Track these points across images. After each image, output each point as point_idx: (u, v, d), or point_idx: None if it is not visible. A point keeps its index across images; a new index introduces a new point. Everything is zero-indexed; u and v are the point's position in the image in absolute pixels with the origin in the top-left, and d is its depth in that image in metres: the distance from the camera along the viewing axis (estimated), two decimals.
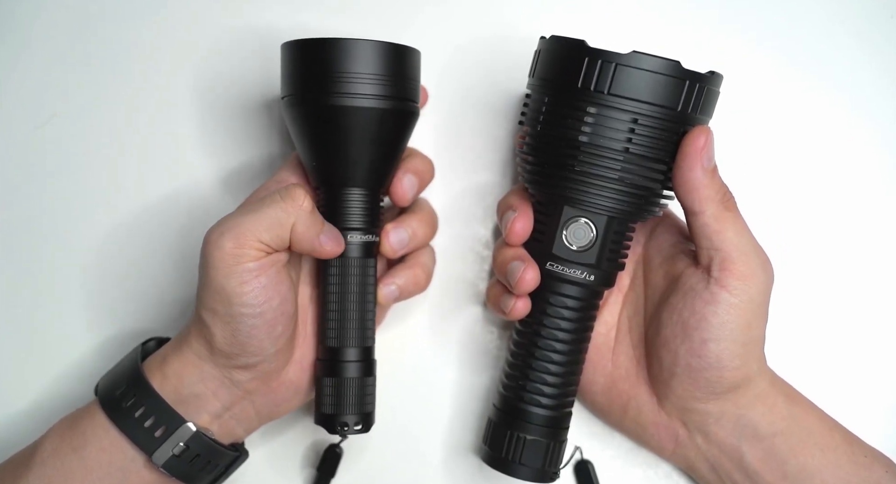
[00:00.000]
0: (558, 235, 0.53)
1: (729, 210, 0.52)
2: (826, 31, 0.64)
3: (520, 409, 0.54)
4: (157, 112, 0.65)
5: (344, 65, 0.52)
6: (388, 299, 0.57)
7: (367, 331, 0.56)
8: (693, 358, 0.53)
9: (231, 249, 0.51)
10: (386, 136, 0.54)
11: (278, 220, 0.51)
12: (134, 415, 0.53)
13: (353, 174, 0.55)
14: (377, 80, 0.53)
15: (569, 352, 0.54)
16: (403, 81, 0.54)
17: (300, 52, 0.53)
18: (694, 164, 0.51)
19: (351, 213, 0.55)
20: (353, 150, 0.54)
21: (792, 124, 0.64)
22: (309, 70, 0.53)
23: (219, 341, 0.52)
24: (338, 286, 0.55)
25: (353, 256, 0.55)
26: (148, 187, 0.64)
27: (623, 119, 0.49)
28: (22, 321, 0.64)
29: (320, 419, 0.56)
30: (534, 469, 0.54)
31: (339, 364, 0.55)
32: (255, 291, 0.51)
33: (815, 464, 0.54)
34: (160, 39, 0.65)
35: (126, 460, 0.53)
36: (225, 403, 0.54)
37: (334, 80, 0.52)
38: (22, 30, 0.65)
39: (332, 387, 0.55)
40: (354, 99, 0.52)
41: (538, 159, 0.53)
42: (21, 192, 0.65)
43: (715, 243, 0.52)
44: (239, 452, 0.56)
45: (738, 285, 0.52)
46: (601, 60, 0.49)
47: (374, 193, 0.56)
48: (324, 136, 0.54)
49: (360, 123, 0.53)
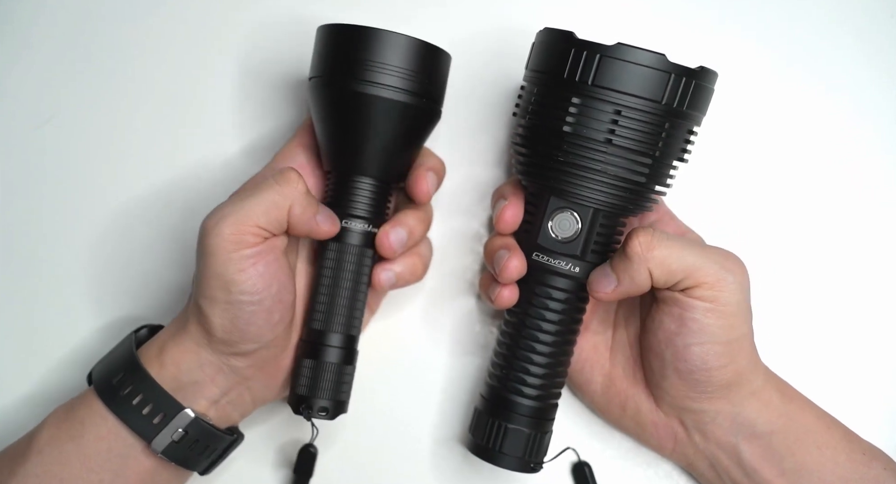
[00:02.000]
0: (544, 226, 0.53)
1: (652, 249, 0.51)
2: (826, 31, 0.64)
3: (503, 398, 0.55)
4: (156, 108, 0.65)
5: (375, 54, 0.52)
6: (385, 285, 0.57)
7: (353, 319, 0.56)
8: (679, 362, 0.53)
9: (230, 235, 0.51)
10: (406, 131, 0.55)
11: (275, 204, 0.52)
12: (132, 402, 0.53)
13: (368, 163, 0.55)
14: (405, 75, 0.53)
15: (553, 343, 0.54)
16: (431, 81, 0.54)
17: (336, 36, 0.54)
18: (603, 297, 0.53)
19: (358, 200, 0.55)
20: (371, 139, 0.54)
21: (791, 124, 0.64)
22: (340, 54, 0.53)
23: (217, 329, 0.53)
24: (332, 271, 0.56)
25: (352, 244, 0.56)
26: (145, 179, 0.65)
27: (606, 110, 0.50)
28: (24, 313, 0.65)
29: (291, 399, 0.56)
30: (514, 458, 0.54)
31: (321, 347, 0.55)
32: (253, 278, 0.52)
33: (812, 461, 0.54)
34: (160, 39, 0.65)
35: (125, 447, 0.53)
36: (222, 388, 0.55)
37: (363, 68, 0.52)
38: (22, 30, 0.66)
39: (309, 369, 0.55)
40: (381, 89, 0.53)
41: (527, 150, 0.53)
42: (21, 190, 0.65)
43: (669, 279, 0.52)
44: (235, 436, 0.57)
45: (709, 293, 0.52)
46: (586, 51, 0.49)
47: (384, 185, 0.56)
48: (345, 122, 0.54)
49: (382, 114, 0.53)
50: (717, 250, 0.53)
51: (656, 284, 0.52)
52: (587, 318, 0.58)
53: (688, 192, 0.62)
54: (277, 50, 0.65)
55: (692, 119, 0.52)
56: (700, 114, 0.53)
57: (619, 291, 0.52)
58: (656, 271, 0.51)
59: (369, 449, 0.63)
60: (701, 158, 0.61)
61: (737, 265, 0.53)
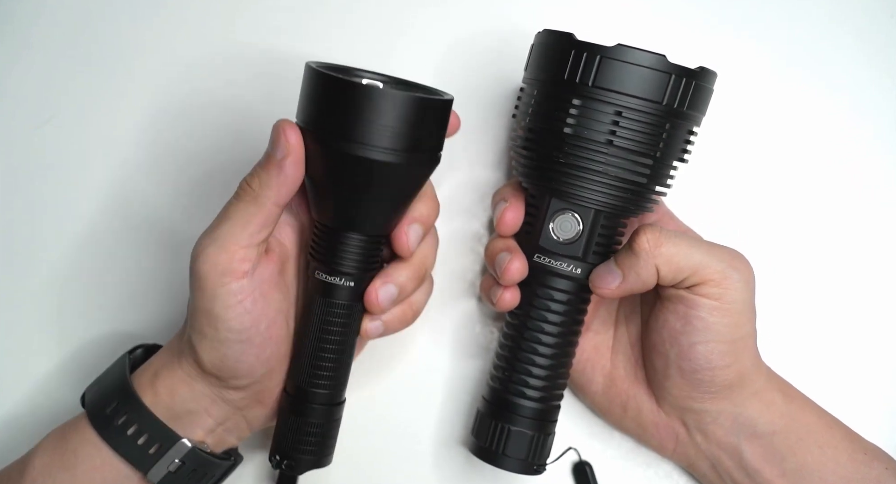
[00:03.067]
0: (545, 227, 0.53)
1: (660, 246, 0.51)
2: (826, 31, 0.64)
3: (505, 400, 0.55)
4: (157, 112, 0.65)
5: (364, 112, 0.47)
6: (372, 335, 0.55)
7: (340, 376, 0.54)
8: (683, 361, 0.53)
9: (218, 260, 0.49)
10: (400, 188, 0.51)
11: (248, 215, 0.50)
12: (126, 432, 0.51)
13: (358, 222, 0.51)
14: (401, 133, 0.48)
15: (555, 344, 0.54)
16: (429, 134, 0.50)
17: (325, 86, 0.49)
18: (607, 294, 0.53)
19: (346, 257, 0.52)
20: (362, 200, 0.50)
21: (791, 124, 0.64)
22: (330, 108, 0.48)
23: (207, 365, 0.52)
24: (317, 328, 0.53)
25: (340, 301, 0.53)
26: (145, 180, 0.65)
27: (607, 111, 0.50)
28: (22, 315, 0.65)
29: (273, 453, 0.55)
30: (518, 460, 0.54)
31: (306, 405, 0.54)
32: (240, 316, 0.50)
33: (814, 461, 0.54)
34: (160, 39, 0.65)
35: (120, 478, 0.52)
36: (218, 419, 0.54)
37: (352, 127, 0.48)
38: (22, 30, 0.65)
39: (292, 426, 0.54)
40: (375, 151, 0.48)
41: (528, 152, 0.53)
42: (21, 191, 0.65)
43: (676, 276, 0.52)
44: (233, 460, 0.56)
45: (714, 291, 0.52)
46: (586, 53, 0.49)
47: (375, 239, 0.53)
48: (332, 180, 0.50)
49: (374, 175, 0.49)
50: (724, 248, 0.53)
51: (662, 281, 0.52)
52: (588, 318, 0.58)
53: (688, 192, 0.62)
54: (279, 51, 0.65)
55: (692, 119, 0.52)
56: (700, 114, 0.53)
57: (623, 287, 0.52)
58: (663, 268, 0.51)
59: (371, 452, 0.63)
60: (701, 158, 0.61)
61: (743, 263, 0.53)
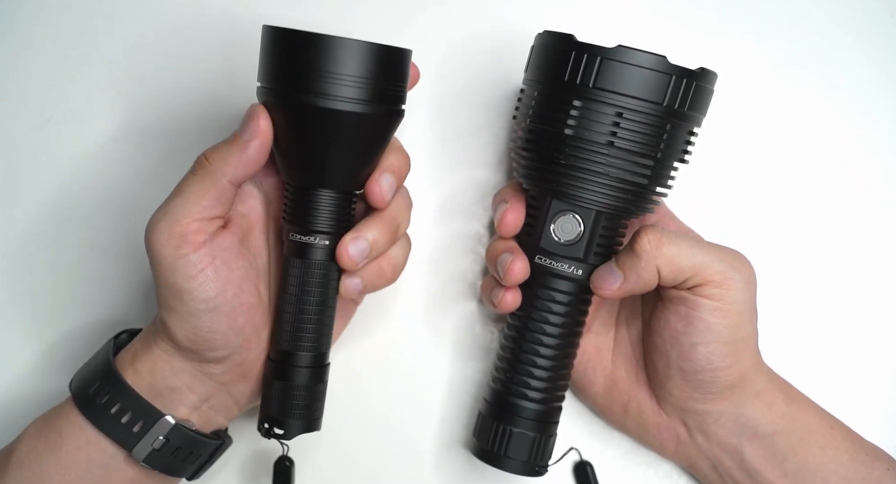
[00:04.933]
0: (546, 229, 0.53)
1: (661, 246, 0.51)
2: (826, 31, 0.64)
3: (507, 401, 0.55)
4: (157, 112, 0.65)
5: (325, 64, 0.48)
6: (351, 292, 0.54)
7: (323, 337, 0.54)
8: (684, 362, 0.53)
9: (169, 238, 0.49)
10: (368, 140, 0.51)
11: (201, 190, 0.50)
12: (110, 411, 0.52)
13: (327, 177, 0.51)
14: (362, 83, 0.48)
15: (557, 346, 0.54)
16: (390, 84, 0.50)
17: (280, 41, 0.49)
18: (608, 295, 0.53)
19: (319, 215, 0.52)
20: (329, 153, 0.50)
21: (792, 124, 0.64)
22: (289, 64, 0.49)
23: (181, 339, 0.51)
24: (297, 288, 0.53)
25: (317, 260, 0.52)
26: (145, 180, 0.64)
27: (608, 113, 0.50)
28: (22, 315, 0.65)
29: (262, 420, 0.55)
30: (520, 462, 0.54)
31: (291, 369, 0.53)
32: (203, 285, 0.50)
33: (815, 462, 0.54)
34: (160, 39, 0.65)
35: (106, 457, 0.52)
36: (201, 395, 0.54)
37: (314, 80, 0.48)
38: (22, 30, 0.65)
39: (279, 391, 0.53)
40: (337, 101, 0.48)
41: (528, 153, 0.53)
42: (21, 190, 0.65)
43: (677, 276, 0.52)
44: (222, 440, 0.56)
45: (715, 291, 0.52)
46: (586, 54, 0.49)
47: (346, 196, 0.53)
48: (298, 136, 0.50)
49: (339, 127, 0.49)
50: (725, 249, 0.53)
51: (663, 282, 0.52)
52: (589, 319, 0.58)
53: (688, 192, 0.62)
54: None
55: (693, 120, 0.52)
56: (701, 115, 0.53)
57: (624, 288, 0.52)
58: (665, 269, 0.51)
59: (372, 454, 0.63)
60: (701, 159, 0.61)
61: (744, 264, 0.53)
